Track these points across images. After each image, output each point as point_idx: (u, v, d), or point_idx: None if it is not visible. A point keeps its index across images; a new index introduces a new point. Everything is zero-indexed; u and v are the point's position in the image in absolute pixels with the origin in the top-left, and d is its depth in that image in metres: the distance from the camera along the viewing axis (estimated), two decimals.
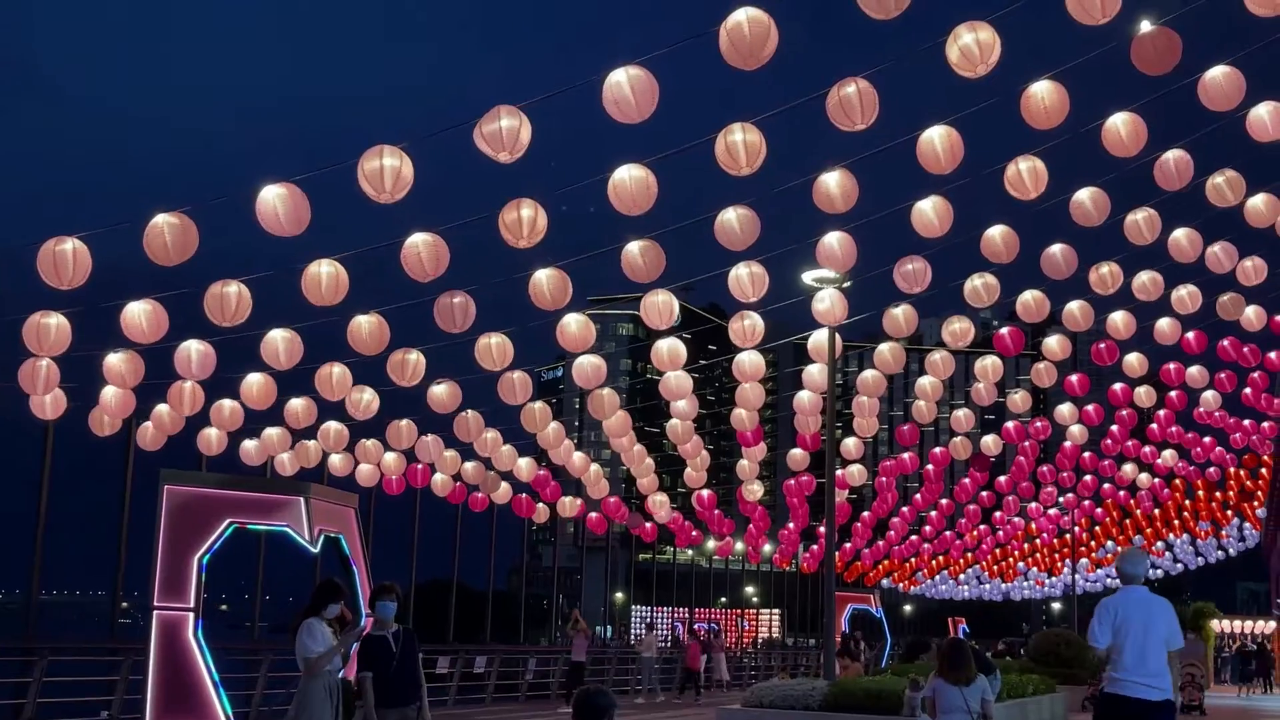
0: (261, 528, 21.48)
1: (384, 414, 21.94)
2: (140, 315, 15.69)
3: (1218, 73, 13.61)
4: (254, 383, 19.36)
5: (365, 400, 20.61)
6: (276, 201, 13.20)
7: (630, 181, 13.22)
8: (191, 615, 12.62)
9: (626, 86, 11.65)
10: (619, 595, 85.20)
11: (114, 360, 17.65)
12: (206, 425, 22.00)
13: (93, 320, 16.55)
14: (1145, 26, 12.59)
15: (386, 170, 12.31)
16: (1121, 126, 14.24)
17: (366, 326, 16.93)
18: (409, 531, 32.05)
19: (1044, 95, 13.25)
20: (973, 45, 12.00)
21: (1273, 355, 25.78)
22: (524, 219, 13.49)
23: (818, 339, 21.30)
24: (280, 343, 17.10)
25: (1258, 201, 17.10)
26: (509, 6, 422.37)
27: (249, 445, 23.47)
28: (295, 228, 13.33)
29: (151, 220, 13.61)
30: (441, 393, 20.96)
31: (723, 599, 77.37)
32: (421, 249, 14.16)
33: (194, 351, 17.37)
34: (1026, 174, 14.77)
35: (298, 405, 21.40)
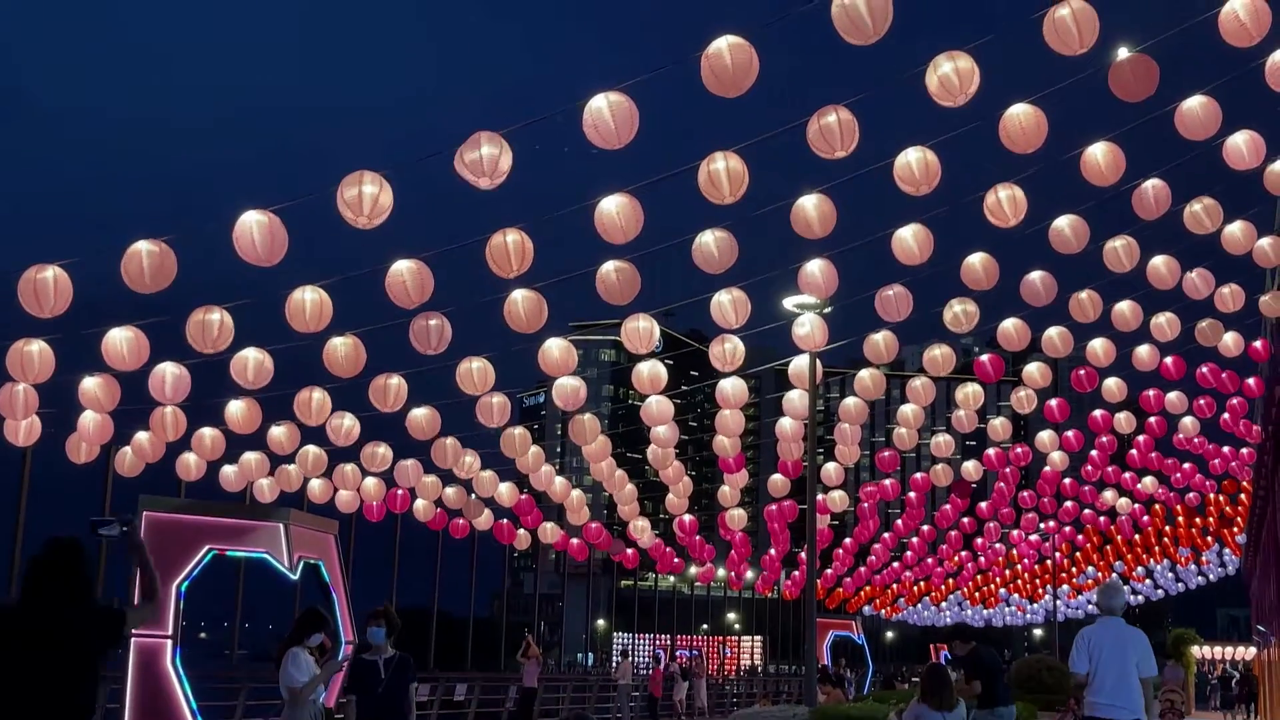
0: (241, 554, 21.38)
1: (362, 438, 21.88)
2: (121, 342, 15.64)
3: (1194, 102, 13.74)
4: (236, 408, 19.28)
5: (345, 426, 20.55)
6: (254, 229, 13.16)
7: (617, 211, 13.24)
8: (170, 642, 12.55)
9: (607, 112, 11.69)
10: (600, 622, 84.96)
11: (91, 386, 17.55)
12: (185, 451, 21.90)
13: (73, 346, 16.50)
14: (1123, 53, 12.70)
15: (365, 196, 12.32)
16: (1100, 155, 14.35)
17: (343, 349, 16.82)
18: (389, 558, 31.94)
19: (1022, 118, 13.33)
20: (952, 74, 12.09)
21: (1251, 381, 25.90)
22: (510, 245, 13.47)
23: (799, 364, 21.34)
24: (250, 362, 16.98)
25: (1235, 229, 17.24)
26: (499, 29, 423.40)
27: (228, 471, 23.36)
28: (273, 256, 13.30)
29: (130, 247, 13.58)
30: (421, 417, 20.91)
31: (704, 626, 77.20)
32: (406, 276, 14.16)
33: (169, 375, 17.29)
34: (1006, 202, 14.85)
35: (279, 431, 21.32)
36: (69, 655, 5.85)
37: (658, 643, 62.82)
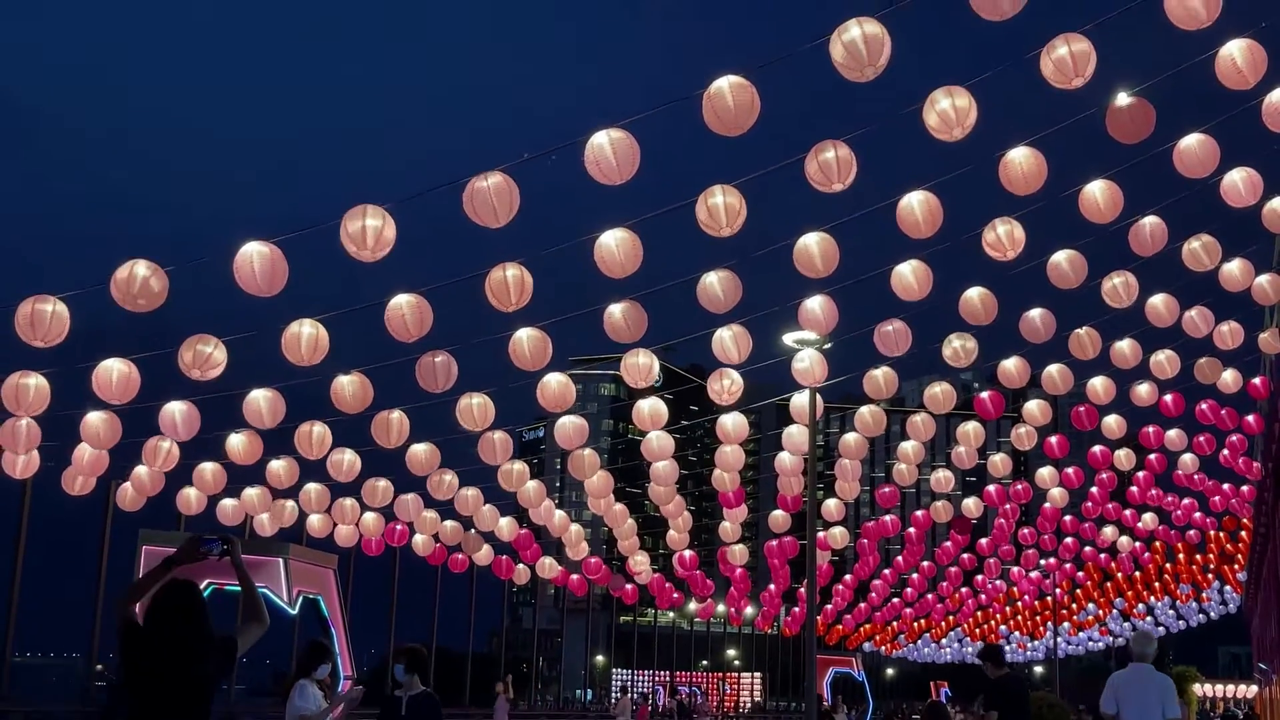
0: (240, 589, 21.47)
1: (363, 473, 21.87)
2: (112, 374, 15.64)
3: (1192, 140, 13.83)
4: (238, 442, 19.27)
5: (347, 461, 20.55)
6: (255, 260, 13.20)
7: (616, 246, 13.32)
8: None
9: (608, 148, 11.77)
10: (600, 658, 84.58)
11: (91, 419, 17.54)
12: (185, 485, 21.89)
13: (71, 378, 16.51)
14: (1121, 98, 12.79)
15: (369, 230, 12.38)
16: (1098, 193, 14.43)
17: (349, 386, 16.89)
18: (388, 592, 31.87)
19: (1022, 161, 13.42)
20: (950, 110, 12.17)
21: (1250, 418, 25.92)
22: (510, 280, 13.53)
23: (799, 400, 21.36)
24: (263, 402, 17.05)
25: (1233, 267, 17.30)
26: (503, 64, 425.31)
27: (227, 505, 23.33)
28: (273, 287, 13.33)
29: (121, 266, 13.57)
30: (421, 453, 20.90)
31: (704, 662, 76.83)
32: (405, 310, 14.20)
33: (177, 412, 17.31)
34: (1004, 237, 14.92)
35: (279, 466, 21.31)
36: (192, 682, 6.46)
37: (657, 679, 62.55)
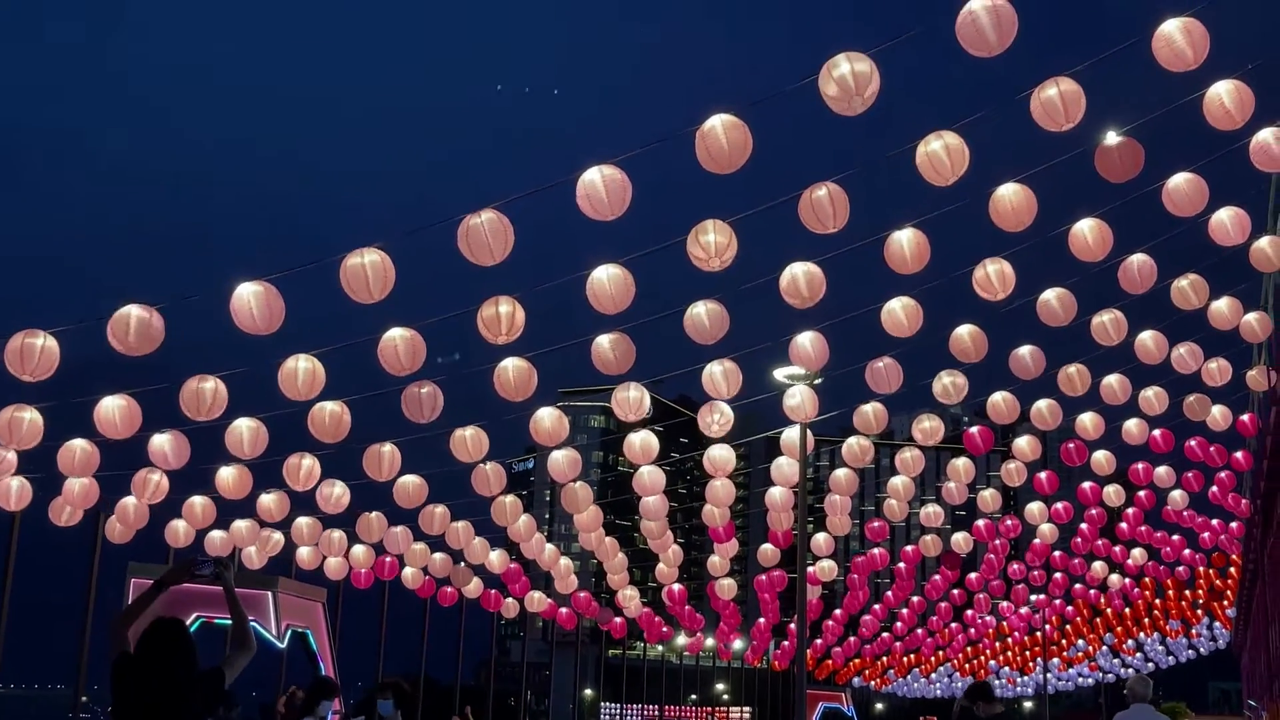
0: (225, 623, 21.34)
1: (353, 506, 21.84)
2: (114, 410, 15.65)
3: (1181, 179, 13.94)
4: (227, 474, 19.24)
5: (336, 494, 20.51)
6: (251, 299, 13.24)
7: (608, 281, 13.38)
8: None
9: (600, 185, 11.83)
10: (588, 692, 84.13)
11: (76, 451, 17.50)
12: (174, 517, 21.83)
13: (63, 411, 16.50)
14: (1110, 138, 12.90)
15: (369, 268, 12.43)
16: (1088, 232, 14.53)
17: (329, 414, 16.84)
18: (375, 625, 31.73)
19: (1012, 198, 13.51)
20: (941, 152, 12.26)
21: (1239, 455, 25.99)
22: (502, 315, 13.58)
23: (789, 435, 21.39)
24: (245, 431, 17.01)
25: (1221, 305, 17.42)
26: (494, 104, 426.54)
27: (215, 537, 23.26)
28: (270, 325, 13.36)
29: (117, 311, 13.62)
30: (410, 485, 20.88)
31: (693, 696, 76.52)
32: (399, 343, 14.23)
33: (167, 444, 17.29)
34: (995, 276, 15.01)
35: (269, 499, 21.26)
36: (182, 713, 6.52)
37: (646, 713, 62.24)
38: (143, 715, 6.45)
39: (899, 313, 15.71)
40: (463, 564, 27.89)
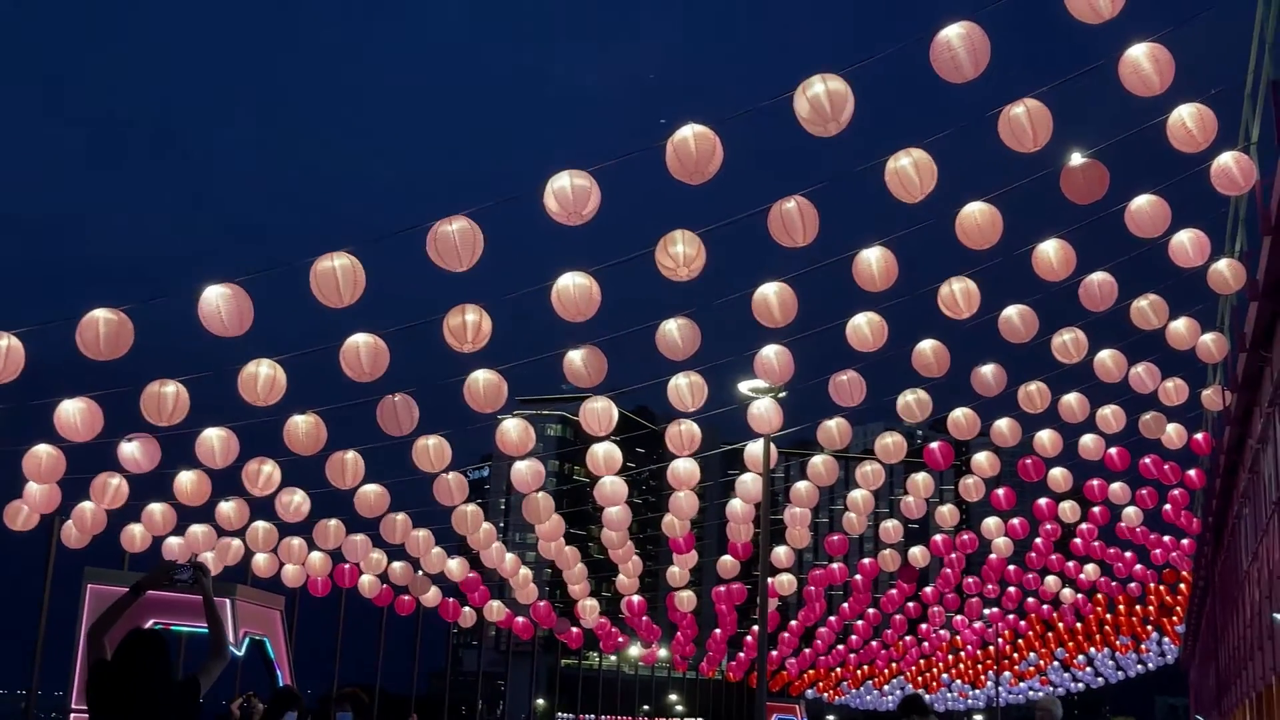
0: (185, 629, 21.21)
1: (313, 514, 21.70)
2: (74, 413, 15.48)
3: (1143, 201, 14.13)
4: (186, 480, 19.07)
5: (295, 502, 20.38)
6: (219, 302, 13.16)
7: (574, 289, 13.41)
8: None
9: (569, 189, 11.85)
10: (540, 702, 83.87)
11: (36, 455, 17.31)
12: (131, 523, 21.61)
13: (22, 415, 16.30)
14: (1075, 159, 13.05)
15: (340, 272, 12.38)
16: (1051, 251, 14.70)
17: (304, 426, 16.77)
18: (330, 633, 31.53)
19: (978, 216, 13.64)
20: (910, 169, 12.37)
21: (1192, 473, 26.33)
22: (469, 324, 13.57)
23: (753, 448, 21.44)
24: (216, 441, 16.90)
25: (1179, 325, 17.66)
26: (465, 113, 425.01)
27: (173, 543, 23.06)
28: (238, 328, 13.28)
29: (87, 315, 13.51)
30: (371, 494, 20.78)
31: (645, 707, 76.48)
32: (362, 349, 14.17)
33: (137, 449, 17.12)
34: (959, 294, 15.15)
35: (228, 506, 21.09)
36: None
37: None
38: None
39: (864, 328, 15.81)
40: (421, 572, 27.78)
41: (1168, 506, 28.09)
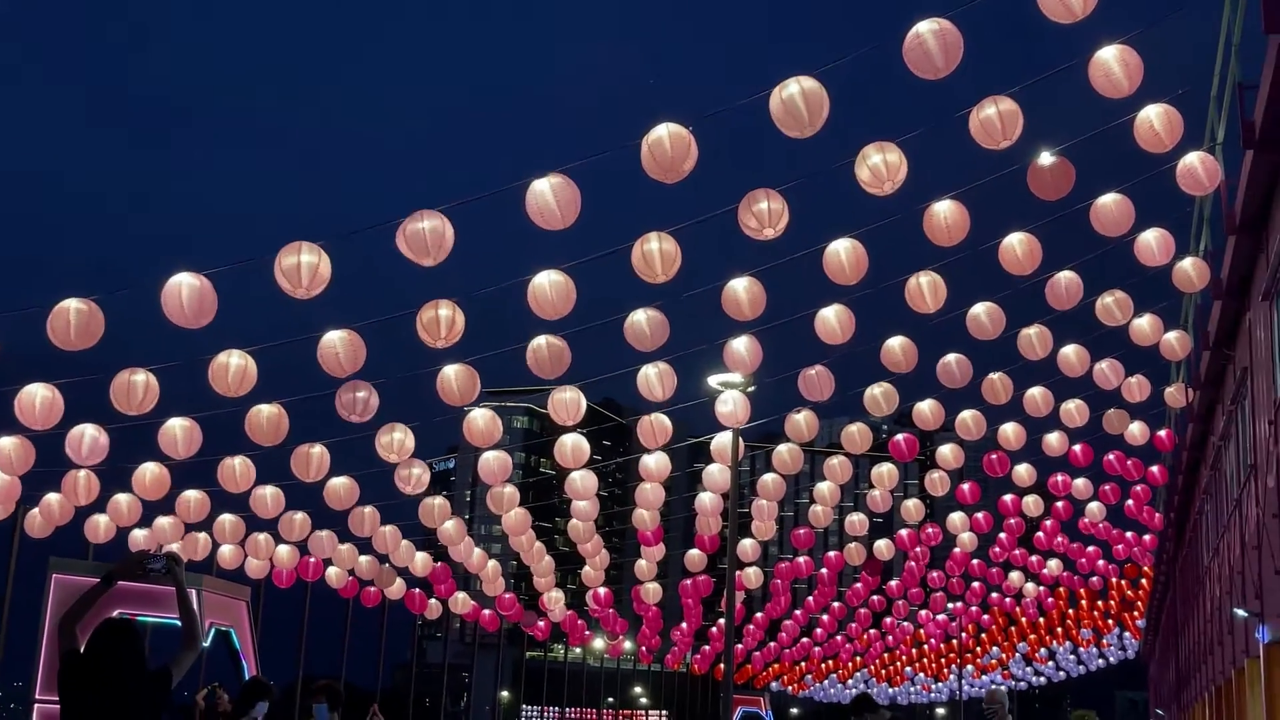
0: (151, 620, 21.05)
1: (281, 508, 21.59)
2: (35, 400, 15.35)
3: (1109, 199, 14.27)
4: (148, 472, 18.94)
5: (270, 496, 20.30)
6: (183, 292, 13.07)
7: (550, 287, 13.42)
8: None
9: (550, 195, 11.86)
10: (504, 694, 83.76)
11: (13, 449, 17.15)
12: (95, 513, 21.46)
13: None
14: (1044, 157, 13.17)
15: (304, 266, 12.33)
16: (1018, 246, 14.82)
17: (267, 417, 16.68)
18: (294, 625, 31.39)
19: (946, 213, 13.74)
20: (881, 165, 12.44)
21: (1155, 469, 26.60)
22: (441, 319, 13.56)
23: (721, 441, 21.50)
24: (179, 431, 16.79)
25: (1143, 322, 17.85)
26: (441, 114, 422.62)
27: (138, 534, 22.91)
28: (200, 320, 13.18)
29: (57, 305, 13.42)
30: (340, 487, 20.71)
31: (610, 699, 76.55)
32: (339, 346, 14.11)
33: (87, 436, 16.99)
34: (927, 288, 15.25)
35: (192, 497, 20.97)
36: (130, 717, 6.44)
37: (569, 715, 62.14)
38: (92, 715, 6.39)
39: (832, 320, 15.89)
40: (387, 565, 27.72)
41: (1130, 502, 28.36)
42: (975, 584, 40.16)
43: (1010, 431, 22.43)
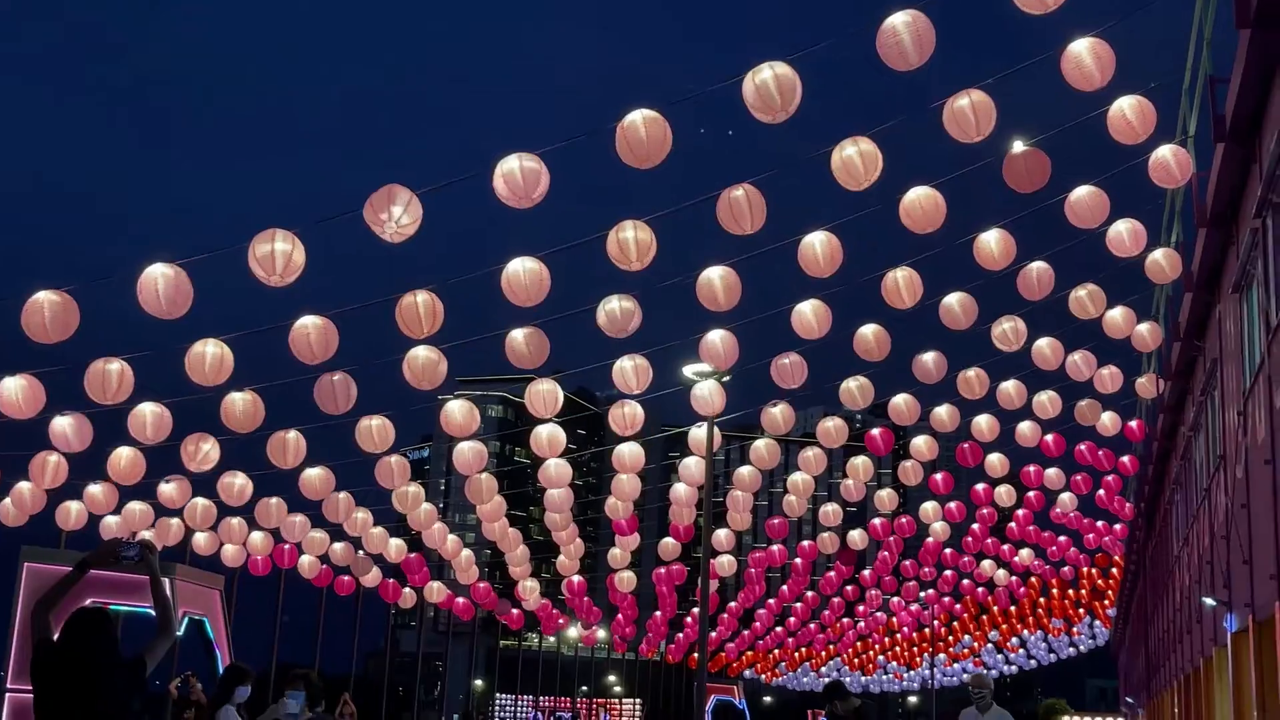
0: (124, 609, 20.95)
1: (255, 493, 21.55)
2: (16, 391, 15.29)
3: (1083, 192, 14.35)
4: (122, 457, 18.86)
5: (238, 485, 20.25)
6: (159, 282, 13.03)
7: (524, 274, 13.42)
8: None
9: (518, 172, 11.85)
10: (478, 683, 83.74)
11: None
12: (68, 500, 21.37)
13: None
14: (1018, 148, 13.24)
15: (278, 254, 12.29)
16: (993, 241, 14.91)
17: (241, 404, 16.64)
18: (269, 613, 31.33)
19: (921, 201, 13.79)
20: (855, 158, 12.49)
21: (1126, 460, 26.80)
22: (421, 306, 13.54)
23: (697, 432, 21.55)
24: (149, 416, 16.71)
25: (1116, 314, 17.98)
26: (418, 99, 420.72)
27: (110, 521, 22.83)
28: (176, 310, 13.14)
29: (31, 297, 13.35)
30: (315, 477, 20.67)
31: (584, 688, 76.65)
32: (311, 332, 14.09)
33: (69, 425, 16.92)
34: (903, 283, 15.32)
35: (168, 485, 20.90)
36: (103, 707, 6.42)
37: (544, 705, 62.25)
38: (66, 704, 6.39)
39: (808, 314, 15.96)
40: (362, 553, 27.69)
41: (1101, 492, 28.59)
42: (948, 573, 40.42)
43: (984, 423, 22.56)
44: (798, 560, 36.41)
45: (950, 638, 61.18)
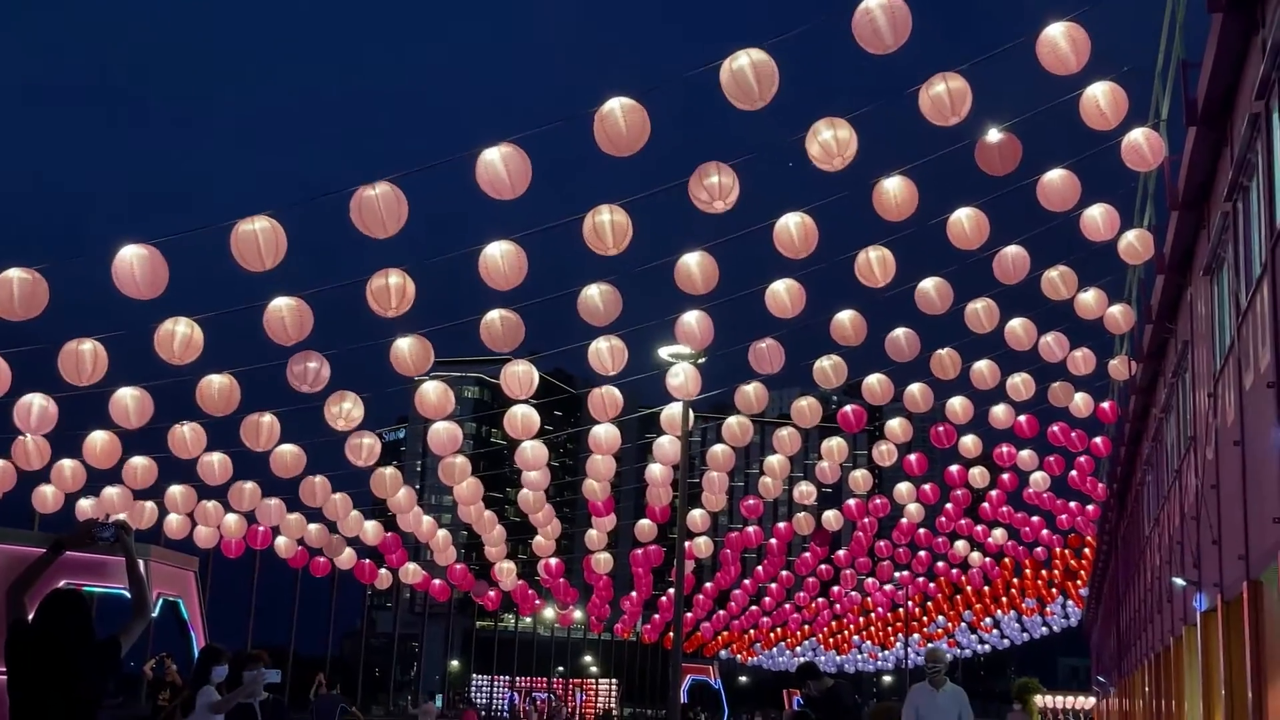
0: (97, 590, 20.88)
1: (229, 476, 21.50)
2: None
3: (1055, 175, 14.44)
4: (98, 440, 18.81)
5: (218, 463, 20.20)
6: (134, 262, 12.98)
7: (501, 258, 13.42)
8: None
9: (500, 164, 11.85)
10: (454, 663, 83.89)
11: None
12: (42, 483, 21.29)
13: None
14: (991, 133, 13.30)
15: (261, 237, 12.26)
16: (965, 221, 14.98)
17: (218, 386, 16.62)
18: (243, 595, 31.32)
19: (895, 189, 13.87)
20: (831, 141, 12.54)
21: (1099, 441, 26.99)
22: (392, 288, 13.54)
23: (671, 412, 21.61)
24: (130, 401, 16.68)
25: (1088, 296, 18.11)
26: (397, 85, 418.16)
27: (85, 504, 22.77)
28: (152, 290, 13.11)
29: (0, 274, 13.28)
30: (287, 454, 20.64)
31: (560, 668, 76.87)
32: (285, 313, 14.07)
33: (35, 406, 16.86)
34: (876, 263, 15.40)
35: (139, 465, 20.85)
36: (75, 697, 6.41)
37: (520, 685, 62.35)
38: (41, 685, 6.40)
39: (782, 294, 16.01)
40: (337, 535, 27.69)
41: (1074, 473, 28.80)
42: (922, 553, 40.65)
43: (958, 404, 22.70)
44: (773, 541, 36.55)
45: (924, 618, 61.57)
